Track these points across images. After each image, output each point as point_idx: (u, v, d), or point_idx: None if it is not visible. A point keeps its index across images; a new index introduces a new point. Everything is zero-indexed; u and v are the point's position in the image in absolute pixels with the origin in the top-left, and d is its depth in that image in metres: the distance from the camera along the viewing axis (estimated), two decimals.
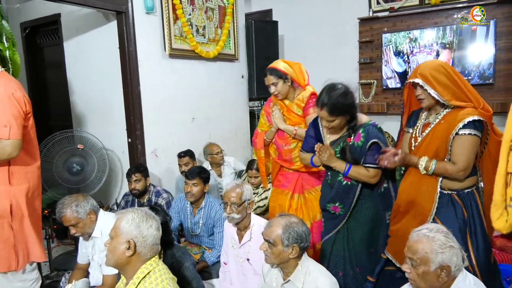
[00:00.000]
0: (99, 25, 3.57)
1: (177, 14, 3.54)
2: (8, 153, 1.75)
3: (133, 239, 1.38)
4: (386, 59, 4.21)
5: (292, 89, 2.41)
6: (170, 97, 3.65)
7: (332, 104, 1.89)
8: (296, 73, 2.39)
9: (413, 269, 1.43)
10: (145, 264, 1.41)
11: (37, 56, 4.52)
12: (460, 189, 1.83)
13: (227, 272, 2.29)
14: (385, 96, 4.31)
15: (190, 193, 2.61)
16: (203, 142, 3.93)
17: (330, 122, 1.96)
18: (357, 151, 1.97)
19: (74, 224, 2.05)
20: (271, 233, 1.67)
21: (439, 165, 1.78)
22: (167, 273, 1.46)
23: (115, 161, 3.74)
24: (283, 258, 1.67)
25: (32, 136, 1.97)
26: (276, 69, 2.36)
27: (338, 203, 2.07)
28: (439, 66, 1.80)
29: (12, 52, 2.27)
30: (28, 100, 1.87)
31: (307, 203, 2.41)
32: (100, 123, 3.79)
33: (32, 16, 4.24)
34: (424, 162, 1.80)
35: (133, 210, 1.46)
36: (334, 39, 4.60)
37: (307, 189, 2.43)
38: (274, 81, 2.35)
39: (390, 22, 4.18)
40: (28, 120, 1.89)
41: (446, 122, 1.79)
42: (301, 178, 2.43)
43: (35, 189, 1.98)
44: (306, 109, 2.39)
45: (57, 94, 4.37)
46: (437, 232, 1.41)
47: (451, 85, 1.77)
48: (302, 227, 1.68)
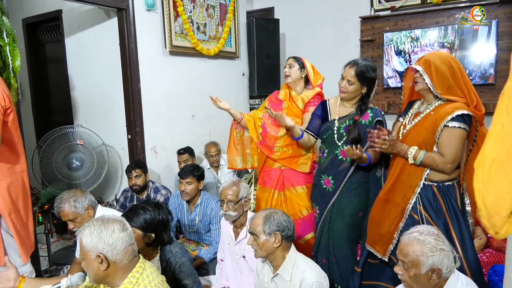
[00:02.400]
0: (100, 21, 3.58)
1: (178, 11, 3.54)
2: None
3: (101, 252, 1.28)
4: (387, 58, 4.20)
5: (302, 84, 2.52)
6: (170, 94, 3.66)
7: (362, 67, 2.06)
8: (313, 73, 2.52)
9: (405, 271, 1.44)
10: (131, 273, 1.33)
11: (38, 52, 4.53)
12: (440, 181, 1.83)
13: (223, 269, 2.30)
14: (386, 95, 4.30)
15: (185, 191, 2.63)
16: (203, 139, 3.94)
17: (349, 83, 2.08)
18: (363, 129, 2.08)
19: (72, 219, 2.07)
20: (254, 225, 1.73)
21: (428, 155, 1.78)
22: (155, 277, 1.38)
23: (114, 157, 3.75)
24: (269, 249, 1.70)
25: (14, 132, 1.91)
26: (300, 58, 2.52)
27: (331, 177, 2.19)
28: (446, 58, 1.81)
29: (12, 48, 2.28)
30: (8, 95, 1.83)
31: (287, 200, 2.46)
32: (100, 119, 3.80)
33: (34, 12, 4.25)
34: (414, 150, 1.80)
35: (88, 223, 1.34)
36: (336, 38, 4.59)
37: (287, 187, 2.47)
38: (291, 63, 2.49)
39: (391, 21, 4.16)
40: (8, 115, 1.84)
41: (436, 113, 1.80)
42: (282, 175, 2.48)
43: (18, 187, 1.91)
44: (308, 105, 2.45)
45: (58, 90, 4.38)
46: (427, 235, 1.42)
47: (449, 80, 1.77)
48: (282, 216, 1.74)
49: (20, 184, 1.94)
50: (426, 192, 1.83)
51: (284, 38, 4.88)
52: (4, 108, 1.79)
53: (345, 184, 2.16)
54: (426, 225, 1.55)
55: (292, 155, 2.45)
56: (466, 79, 1.83)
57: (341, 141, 2.16)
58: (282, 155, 2.45)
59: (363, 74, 2.06)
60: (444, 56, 1.83)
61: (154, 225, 1.85)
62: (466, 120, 1.74)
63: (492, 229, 0.96)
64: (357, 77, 2.06)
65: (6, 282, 1.54)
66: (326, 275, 1.74)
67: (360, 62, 2.09)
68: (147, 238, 1.83)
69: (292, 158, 2.45)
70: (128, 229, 1.36)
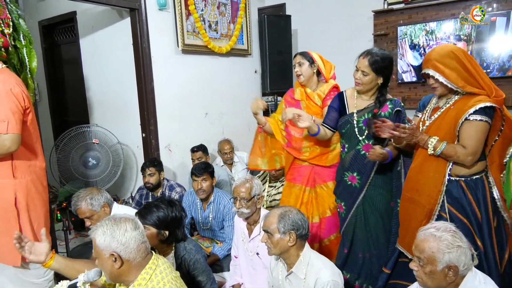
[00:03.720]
0: (113, 22, 3.63)
1: (190, 10, 3.56)
2: (7, 147, 1.76)
3: (115, 251, 1.30)
4: (402, 53, 4.13)
5: (315, 79, 2.45)
6: (183, 92, 3.69)
7: (376, 56, 1.99)
8: (324, 65, 2.45)
9: (420, 268, 1.41)
10: (144, 270, 1.35)
11: (54, 53, 4.63)
12: (468, 175, 1.77)
13: (237, 266, 2.31)
14: (400, 90, 4.24)
15: (201, 189, 2.64)
16: (216, 137, 3.96)
17: (363, 74, 2.02)
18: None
19: (89, 216, 2.12)
20: (268, 223, 1.71)
21: (450, 146, 1.73)
22: (168, 273, 1.39)
23: (129, 155, 3.81)
24: (283, 247, 1.69)
25: (32, 131, 1.97)
26: (307, 52, 2.44)
27: (356, 173, 2.14)
28: (450, 52, 1.74)
29: (29, 49, 2.32)
30: (27, 96, 1.89)
31: (318, 197, 2.41)
32: (115, 118, 3.86)
33: (49, 14, 4.34)
34: (434, 140, 1.75)
35: (101, 223, 1.35)
36: (348, 33, 4.54)
37: (319, 184, 2.42)
38: (300, 61, 2.40)
39: (405, 15, 4.09)
40: (27, 115, 1.90)
41: (456, 108, 1.75)
42: (314, 172, 2.42)
43: (37, 185, 1.97)
44: (326, 100, 2.40)
45: (73, 90, 4.47)
46: (444, 231, 1.39)
47: (462, 71, 1.72)
48: (297, 215, 1.72)
49: (40, 181, 2.00)
50: (454, 188, 1.78)
51: (296, 34, 4.85)
52: (24, 108, 1.85)
53: (372, 179, 2.12)
54: (443, 222, 1.51)
55: (321, 152, 2.38)
56: (477, 66, 1.77)
57: (363, 136, 2.13)
58: (311, 155, 2.39)
59: (377, 64, 1.99)
60: (447, 50, 1.75)
61: (168, 223, 1.86)
62: (488, 113, 1.68)
63: None
64: (371, 67, 2.00)
65: (39, 255, 1.59)
66: (340, 273, 1.73)
67: (374, 52, 2.03)
68: (161, 235, 1.86)
69: (321, 155, 2.39)
70: (140, 227, 1.38)
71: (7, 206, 1.85)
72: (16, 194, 1.87)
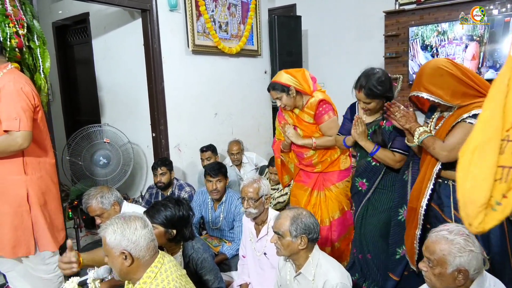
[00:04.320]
0: (125, 23, 3.67)
1: (200, 10, 3.58)
2: (19, 144, 1.81)
3: (125, 249, 1.32)
4: (413, 53, 4.10)
5: (299, 98, 2.36)
6: (193, 92, 3.71)
7: (369, 88, 1.96)
8: (300, 82, 2.31)
9: (429, 268, 1.40)
10: (150, 268, 1.37)
11: (67, 53, 4.70)
12: None
13: (245, 265, 2.32)
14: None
15: (216, 190, 2.65)
16: (225, 137, 3.97)
17: (366, 104, 2.04)
18: (386, 135, 2.05)
19: (99, 214, 2.15)
20: (279, 225, 1.70)
21: (431, 137, 1.70)
22: (174, 272, 1.41)
23: (140, 155, 3.85)
24: (293, 250, 1.69)
25: (42, 128, 2.02)
26: (278, 83, 2.32)
27: (365, 180, 2.20)
28: (438, 68, 1.65)
29: (42, 50, 2.37)
30: (36, 94, 1.95)
31: (327, 200, 2.43)
32: (126, 118, 3.91)
33: (63, 15, 4.42)
34: (421, 130, 1.72)
35: (111, 221, 1.37)
36: (359, 33, 4.53)
37: (327, 186, 2.44)
38: (277, 96, 2.34)
39: (417, 15, 4.06)
40: (37, 113, 1.95)
41: (456, 114, 1.71)
42: (322, 177, 2.45)
43: (48, 181, 2.03)
44: (318, 117, 2.36)
45: (86, 90, 4.53)
46: (457, 234, 1.36)
47: (457, 85, 1.65)
48: (310, 218, 1.70)
49: (50, 177, 2.06)
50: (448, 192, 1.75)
51: (306, 34, 4.85)
52: (34, 106, 1.91)
53: (379, 183, 2.15)
54: (457, 224, 1.49)
55: (331, 160, 2.43)
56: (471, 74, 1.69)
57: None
58: (323, 166, 2.44)
59: (372, 92, 1.96)
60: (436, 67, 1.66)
61: (175, 222, 1.88)
62: None
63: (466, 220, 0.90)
64: (369, 97, 1.98)
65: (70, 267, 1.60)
66: (349, 275, 1.72)
67: (364, 84, 1.96)
68: (169, 234, 1.87)
69: (333, 162, 2.43)
70: (149, 225, 1.40)
71: (19, 201, 1.91)
72: (28, 190, 1.92)
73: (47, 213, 2.01)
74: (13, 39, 2.15)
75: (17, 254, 1.94)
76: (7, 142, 1.80)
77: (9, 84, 1.82)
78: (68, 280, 1.52)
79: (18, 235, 1.92)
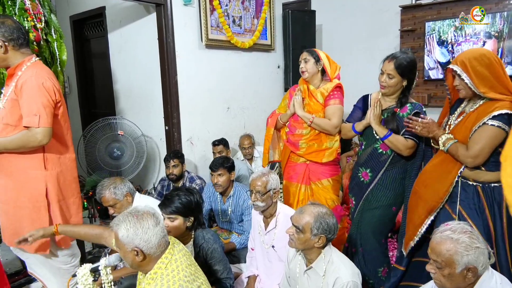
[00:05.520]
0: (140, 17, 3.72)
1: (214, 5, 3.60)
2: (38, 140, 1.82)
3: (137, 247, 1.35)
4: (429, 49, 4.02)
5: (319, 77, 2.50)
6: (206, 86, 3.74)
7: (401, 61, 2.03)
8: (329, 64, 2.47)
9: (438, 270, 1.39)
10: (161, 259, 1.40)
11: (84, 47, 4.79)
12: (486, 181, 1.73)
13: (253, 258, 2.35)
14: (426, 87, 4.14)
15: (217, 184, 2.69)
16: (237, 131, 4.00)
17: (389, 77, 2.06)
18: (401, 121, 2.06)
19: (112, 204, 2.21)
20: (301, 220, 1.69)
21: (454, 145, 1.73)
22: (183, 261, 1.43)
23: (153, 147, 3.91)
24: (308, 246, 1.70)
25: (63, 124, 2.02)
26: (313, 50, 2.49)
27: (369, 170, 2.20)
28: (482, 55, 1.70)
29: (59, 43, 2.43)
30: (58, 89, 1.94)
31: (314, 195, 2.48)
32: (140, 111, 3.97)
33: (80, 9, 4.50)
34: (445, 137, 1.77)
35: (124, 218, 1.38)
36: (374, 28, 4.46)
37: (313, 181, 2.49)
38: (306, 57, 2.46)
39: (434, 10, 3.97)
40: (58, 108, 1.95)
41: (477, 112, 1.72)
42: (308, 169, 2.49)
43: (67, 176, 2.04)
44: (328, 99, 2.45)
45: (101, 83, 4.62)
46: (461, 233, 1.36)
47: (490, 77, 1.68)
48: (333, 219, 1.70)
49: (69, 173, 2.07)
50: (469, 192, 1.75)
51: (320, 29, 4.81)
52: (55, 102, 1.91)
53: (381, 177, 2.16)
54: (459, 222, 1.48)
55: (318, 149, 2.48)
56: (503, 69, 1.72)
57: None
58: (307, 150, 2.48)
59: (403, 67, 2.03)
60: (479, 54, 1.71)
61: (193, 208, 1.95)
62: (507, 120, 1.64)
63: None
64: (397, 70, 2.03)
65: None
66: (359, 273, 1.73)
67: (399, 55, 2.06)
68: (188, 221, 1.94)
69: (318, 152, 2.48)
70: (160, 222, 1.43)
71: (38, 196, 1.93)
72: (47, 185, 1.94)
73: (66, 208, 2.03)
74: (31, 32, 2.20)
75: (32, 249, 1.97)
76: (27, 138, 1.82)
77: (31, 79, 1.82)
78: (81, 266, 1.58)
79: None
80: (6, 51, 1.84)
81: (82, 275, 1.54)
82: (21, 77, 1.85)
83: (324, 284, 1.68)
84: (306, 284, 1.78)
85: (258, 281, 2.28)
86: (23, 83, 1.82)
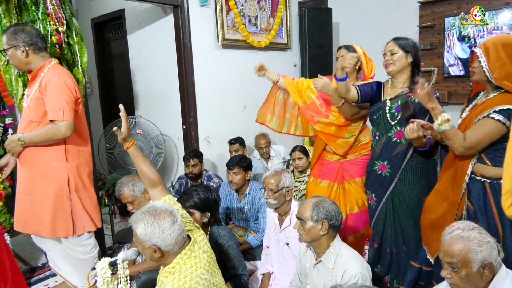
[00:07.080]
0: (158, 18, 3.80)
1: (230, 5, 3.63)
2: (63, 132, 1.99)
3: (155, 244, 1.38)
4: (449, 45, 3.94)
5: (354, 75, 2.39)
6: (223, 86, 3.78)
7: (401, 38, 2.05)
8: (366, 62, 2.39)
9: (454, 274, 1.35)
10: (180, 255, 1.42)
11: (105, 49, 4.91)
12: (494, 177, 1.66)
13: (268, 255, 2.37)
14: (446, 84, 4.05)
15: (232, 181, 2.73)
16: (254, 130, 4.02)
17: (392, 53, 2.04)
18: (417, 106, 1.98)
19: (131, 201, 2.28)
20: (302, 211, 1.76)
21: (454, 130, 1.64)
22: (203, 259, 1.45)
23: (171, 146, 3.98)
24: (314, 235, 1.72)
25: (82, 119, 2.21)
26: (351, 46, 2.41)
27: (386, 162, 2.10)
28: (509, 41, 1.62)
29: (80, 46, 2.52)
30: (77, 88, 2.13)
31: (346, 193, 2.40)
32: (158, 110, 4.05)
33: (101, 12, 4.62)
34: (444, 117, 1.64)
35: (142, 217, 1.39)
36: (392, 25, 4.39)
37: (347, 180, 2.40)
38: (344, 54, 2.33)
39: (454, 5, 3.88)
40: (78, 105, 2.13)
41: (484, 104, 1.66)
42: (342, 168, 2.41)
43: (85, 167, 2.21)
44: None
45: (121, 83, 4.73)
46: (470, 230, 1.34)
47: (509, 66, 1.60)
48: (331, 205, 1.74)
49: (87, 164, 2.24)
50: (476, 188, 1.71)
51: (337, 27, 4.77)
52: (76, 99, 2.09)
53: (403, 172, 2.06)
54: (463, 221, 1.45)
55: (335, 133, 2.36)
56: None
57: (395, 121, 2.06)
58: (324, 129, 2.36)
59: (403, 42, 2.04)
60: (508, 40, 1.63)
61: (210, 204, 2.02)
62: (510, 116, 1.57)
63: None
64: (397, 45, 2.03)
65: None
66: (369, 268, 1.73)
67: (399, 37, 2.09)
68: (204, 217, 2.00)
69: (332, 136, 2.36)
70: (178, 220, 1.44)
71: (61, 185, 2.09)
72: (69, 176, 2.11)
73: (85, 197, 2.19)
74: (53, 36, 2.31)
75: (56, 234, 2.12)
76: (53, 131, 2.00)
77: (54, 79, 2.00)
78: (100, 260, 1.63)
79: (58, 217, 2.09)
80: (27, 55, 2.02)
81: (101, 268, 1.60)
82: (44, 78, 2.02)
83: (333, 277, 1.70)
84: (316, 279, 1.79)
85: (273, 279, 2.30)
86: (47, 82, 1.99)
